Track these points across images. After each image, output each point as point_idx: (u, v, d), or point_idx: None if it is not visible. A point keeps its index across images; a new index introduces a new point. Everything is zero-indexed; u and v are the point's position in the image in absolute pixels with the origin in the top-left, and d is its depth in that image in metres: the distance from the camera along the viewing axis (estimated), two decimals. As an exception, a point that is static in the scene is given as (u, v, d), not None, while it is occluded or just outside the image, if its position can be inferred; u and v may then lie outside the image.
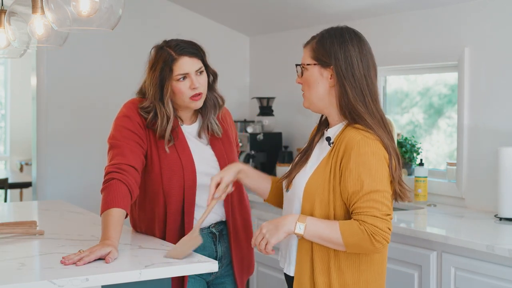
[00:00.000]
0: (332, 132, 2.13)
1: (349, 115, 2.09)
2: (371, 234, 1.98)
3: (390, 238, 2.29)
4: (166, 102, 2.42)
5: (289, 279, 2.19)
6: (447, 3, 3.48)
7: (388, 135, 2.08)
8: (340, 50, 2.08)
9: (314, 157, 2.15)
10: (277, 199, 2.35)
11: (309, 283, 2.08)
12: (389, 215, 2.02)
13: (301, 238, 2.09)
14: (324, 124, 2.22)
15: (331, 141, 2.11)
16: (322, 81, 2.11)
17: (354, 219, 2.01)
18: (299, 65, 2.17)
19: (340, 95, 2.08)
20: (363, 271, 2.08)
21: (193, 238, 2.21)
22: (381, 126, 2.07)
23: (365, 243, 1.99)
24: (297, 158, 2.23)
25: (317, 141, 2.20)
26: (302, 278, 2.10)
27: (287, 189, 2.19)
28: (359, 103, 2.06)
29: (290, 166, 2.25)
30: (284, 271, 2.20)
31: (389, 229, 2.01)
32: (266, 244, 2.07)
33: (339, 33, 2.11)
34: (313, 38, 2.17)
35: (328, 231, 2.01)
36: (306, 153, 2.20)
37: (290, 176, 2.18)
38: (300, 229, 2.03)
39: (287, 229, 2.05)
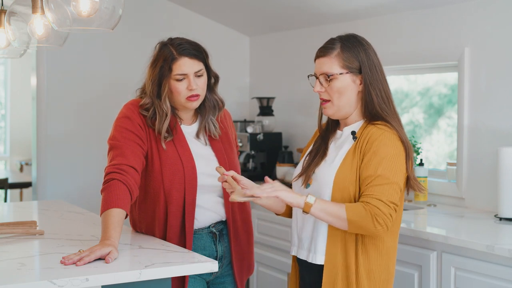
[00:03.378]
0: (353, 128, 2.25)
1: (373, 117, 2.21)
2: (374, 215, 2.07)
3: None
4: (164, 100, 2.43)
5: (312, 267, 2.25)
6: (447, 3, 3.48)
7: (406, 135, 2.21)
8: (365, 56, 2.20)
9: (332, 153, 2.25)
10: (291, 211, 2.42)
11: (341, 271, 2.17)
12: (395, 204, 2.10)
13: (320, 222, 2.19)
14: (334, 124, 2.32)
15: (355, 135, 2.21)
16: (353, 88, 2.21)
17: (360, 201, 2.11)
18: (324, 74, 2.21)
19: (369, 99, 2.20)
20: (384, 256, 2.18)
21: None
22: (401, 126, 2.22)
23: (367, 223, 2.08)
24: (308, 158, 2.31)
25: (331, 140, 2.30)
26: (333, 266, 2.18)
27: (307, 185, 2.26)
28: (386, 106, 2.20)
29: (302, 166, 2.32)
30: (310, 261, 2.24)
31: (391, 216, 2.10)
32: (267, 191, 2.10)
33: (357, 41, 2.23)
34: (330, 48, 2.21)
35: (335, 208, 2.10)
36: (319, 151, 2.29)
37: (307, 172, 2.27)
38: (311, 199, 2.10)
39: (299, 197, 2.11)
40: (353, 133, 2.22)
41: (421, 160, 3.63)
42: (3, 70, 8.44)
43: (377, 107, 2.19)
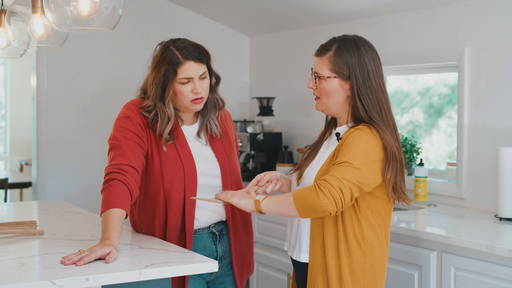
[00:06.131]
0: (340, 130, 2.26)
1: (359, 122, 2.20)
2: (317, 185, 2.07)
3: (389, 237, 2.32)
4: (167, 103, 2.43)
5: (298, 265, 2.31)
6: (447, 3, 3.48)
7: (398, 144, 2.18)
8: (358, 64, 2.18)
9: (321, 152, 2.27)
10: None
11: (322, 269, 2.19)
12: (350, 182, 2.07)
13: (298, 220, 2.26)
14: (332, 122, 2.34)
15: (339, 137, 2.22)
16: (341, 92, 2.21)
17: None
18: (316, 73, 2.24)
19: (357, 106, 2.19)
20: (368, 256, 2.18)
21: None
22: (392, 135, 2.18)
23: (310, 194, 2.07)
24: (306, 154, 2.35)
25: (326, 138, 2.32)
26: (315, 264, 2.21)
27: (298, 182, 2.30)
28: (374, 114, 2.18)
29: (300, 160, 2.37)
30: (294, 258, 2.31)
31: (342, 191, 2.05)
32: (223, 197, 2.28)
33: (355, 46, 2.20)
34: (326, 48, 2.23)
35: (285, 195, 2.16)
36: (314, 149, 2.32)
37: (300, 170, 2.31)
38: (260, 197, 2.18)
39: (250, 198, 2.21)
40: (337, 134, 2.24)
41: (421, 160, 3.63)
42: (3, 70, 8.45)
43: (362, 115, 2.18)
